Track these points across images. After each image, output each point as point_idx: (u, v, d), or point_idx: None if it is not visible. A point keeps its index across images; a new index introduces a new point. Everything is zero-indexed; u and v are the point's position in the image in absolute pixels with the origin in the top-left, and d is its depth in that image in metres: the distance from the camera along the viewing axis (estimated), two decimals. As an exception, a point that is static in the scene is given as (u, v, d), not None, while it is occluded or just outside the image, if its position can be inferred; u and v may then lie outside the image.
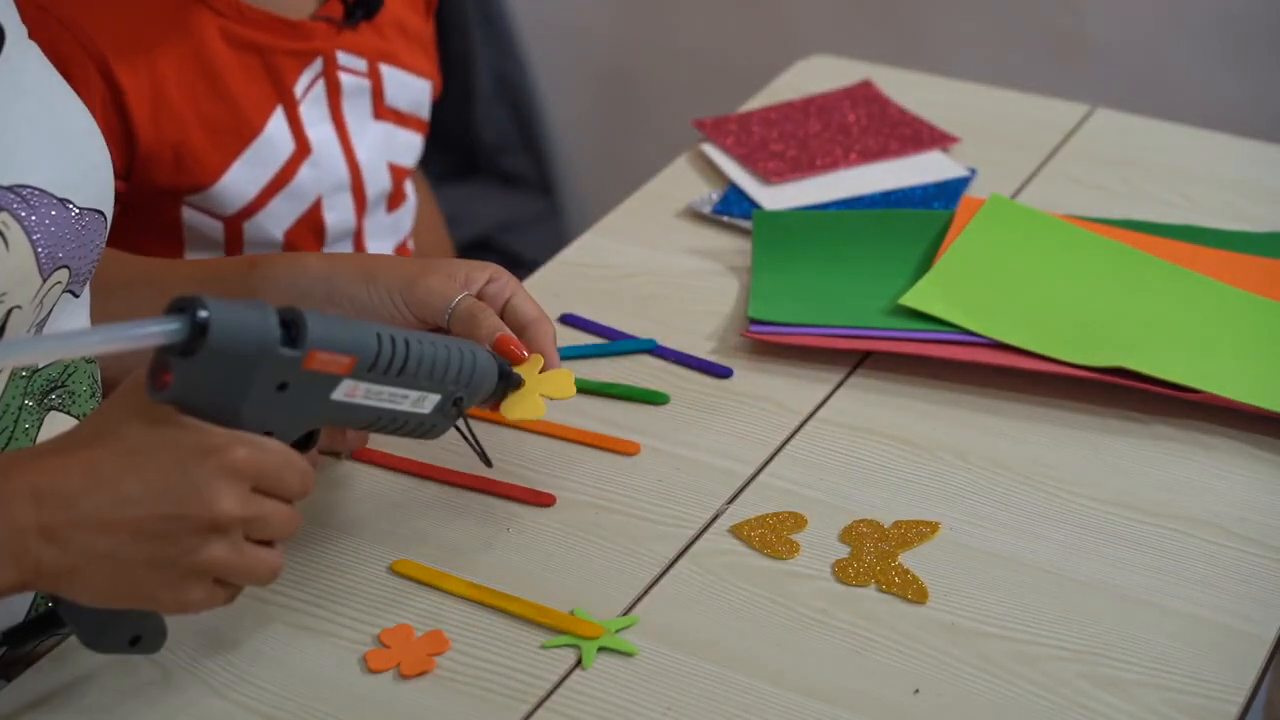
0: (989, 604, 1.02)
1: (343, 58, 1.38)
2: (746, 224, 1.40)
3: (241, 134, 1.33)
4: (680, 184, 1.48)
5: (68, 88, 1.02)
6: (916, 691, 0.96)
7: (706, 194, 1.45)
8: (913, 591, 1.03)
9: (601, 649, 0.99)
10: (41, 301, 0.95)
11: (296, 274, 1.07)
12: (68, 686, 0.98)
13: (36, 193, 0.94)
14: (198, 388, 0.85)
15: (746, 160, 1.48)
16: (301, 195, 1.38)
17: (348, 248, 1.44)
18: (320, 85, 1.37)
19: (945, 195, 1.43)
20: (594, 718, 0.95)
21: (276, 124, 1.35)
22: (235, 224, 1.36)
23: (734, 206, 1.42)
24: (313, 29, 1.36)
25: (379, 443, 1.16)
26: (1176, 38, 2.17)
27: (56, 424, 1.00)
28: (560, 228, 2.62)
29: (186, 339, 0.82)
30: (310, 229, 1.40)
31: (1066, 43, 2.24)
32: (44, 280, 0.94)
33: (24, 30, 1.00)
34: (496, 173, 2.58)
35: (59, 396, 1.01)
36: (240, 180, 1.34)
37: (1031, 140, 1.53)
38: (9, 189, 0.92)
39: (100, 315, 1.09)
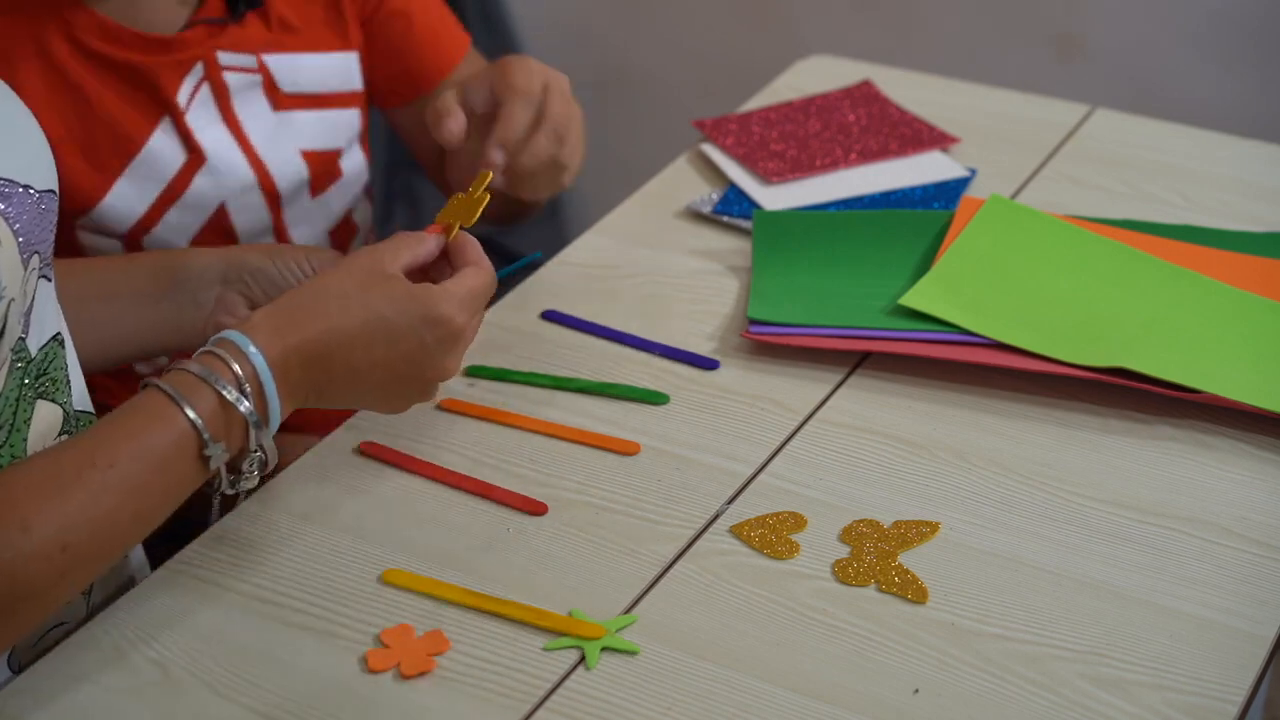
0: (989, 604, 1.02)
1: (225, 58, 1.34)
2: (746, 224, 1.40)
3: (121, 151, 1.30)
4: (680, 184, 1.48)
5: None
6: (916, 691, 0.96)
7: (706, 194, 1.45)
8: (912, 591, 1.03)
9: (604, 649, 0.99)
10: (26, 291, 0.96)
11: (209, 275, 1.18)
12: (68, 686, 0.98)
13: (6, 182, 0.94)
14: None
15: (746, 160, 1.48)
16: (200, 205, 1.35)
17: (267, 241, 1.40)
18: (205, 89, 1.33)
19: (945, 195, 1.43)
20: (594, 718, 0.95)
21: (161, 137, 1.32)
22: (133, 241, 1.34)
23: (734, 206, 1.42)
24: (189, 39, 1.32)
25: (380, 440, 1.16)
26: (1176, 38, 2.18)
27: (42, 411, 1.00)
28: (560, 228, 2.61)
29: None
30: (219, 236, 1.37)
31: (1066, 43, 2.24)
32: (25, 269, 0.95)
33: None
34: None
35: (45, 384, 1.01)
36: (126, 197, 1.31)
37: (1031, 140, 1.53)
38: None
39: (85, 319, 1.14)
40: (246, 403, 0.98)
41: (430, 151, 1.49)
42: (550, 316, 1.30)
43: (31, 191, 0.96)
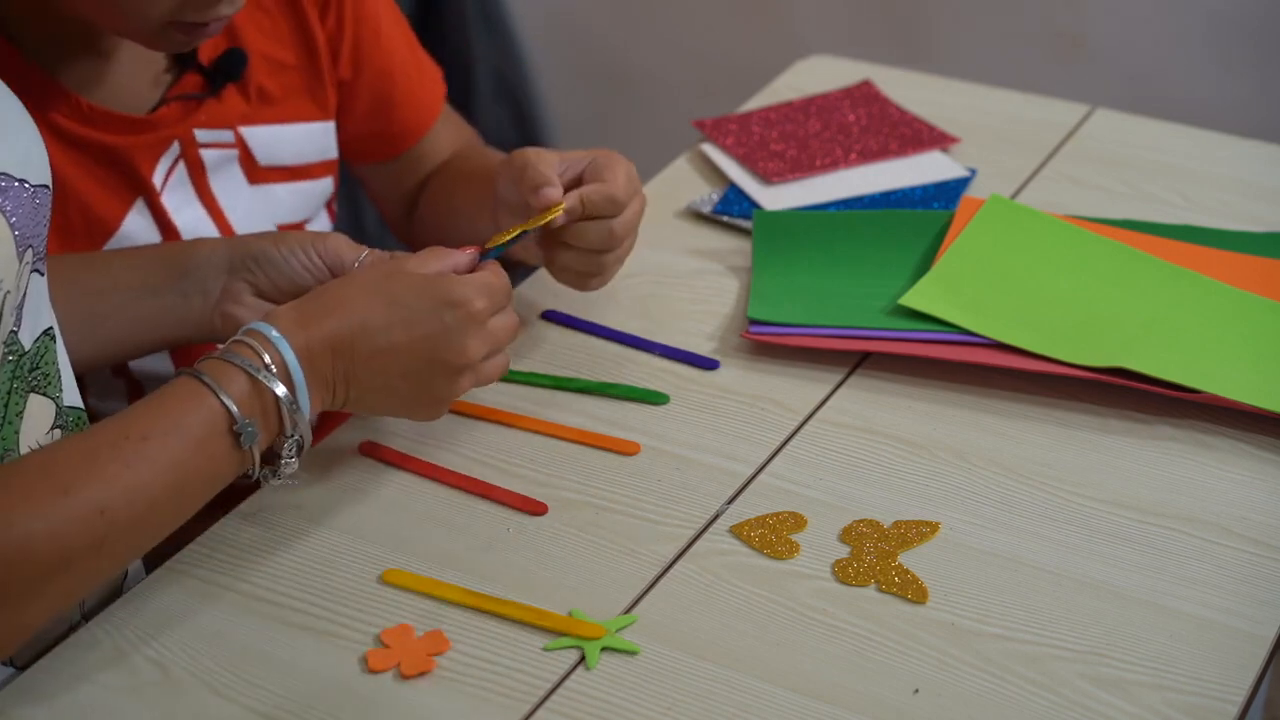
0: (989, 604, 1.02)
1: (202, 134, 1.28)
2: (746, 224, 1.40)
3: (94, 235, 1.25)
4: (680, 184, 1.48)
5: None
6: (916, 691, 0.96)
7: (706, 194, 1.45)
8: (912, 591, 1.03)
9: (604, 649, 0.99)
10: (19, 283, 0.96)
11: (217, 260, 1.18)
12: (68, 686, 0.98)
13: (2, 176, 0.94)
14: None
15: (746, 160, 1.48)
16: None
17: None
18: (181, 168, 1.28)
19: (945, 195, 1.43)
20: (594, 718, 0.95)
21: (135, 219, 1.27)
22: None
23: (734, 206, 1.42)
24: (161, 117, 1.26)
25: (380, 439, 1.16)
26: (1176, 38, 2.18)
27: (35, 405, 1.00)
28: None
29: None
30: None
31: (1066, 43, 2.24)
32: (20, 263, 0.95)
33: None
34: (496, 173, 2.58)
35: (37, 378, 1.01)
36: None
37: (1031, 140, 1.53)
38: None
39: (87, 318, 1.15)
40: (279, 384, 1.01)
41: (398, 206, 1.48)
42: (550, 316, 1.30)
43: (27, 185, 0.96)
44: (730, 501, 1.11)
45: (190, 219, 1.29)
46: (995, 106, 1.59)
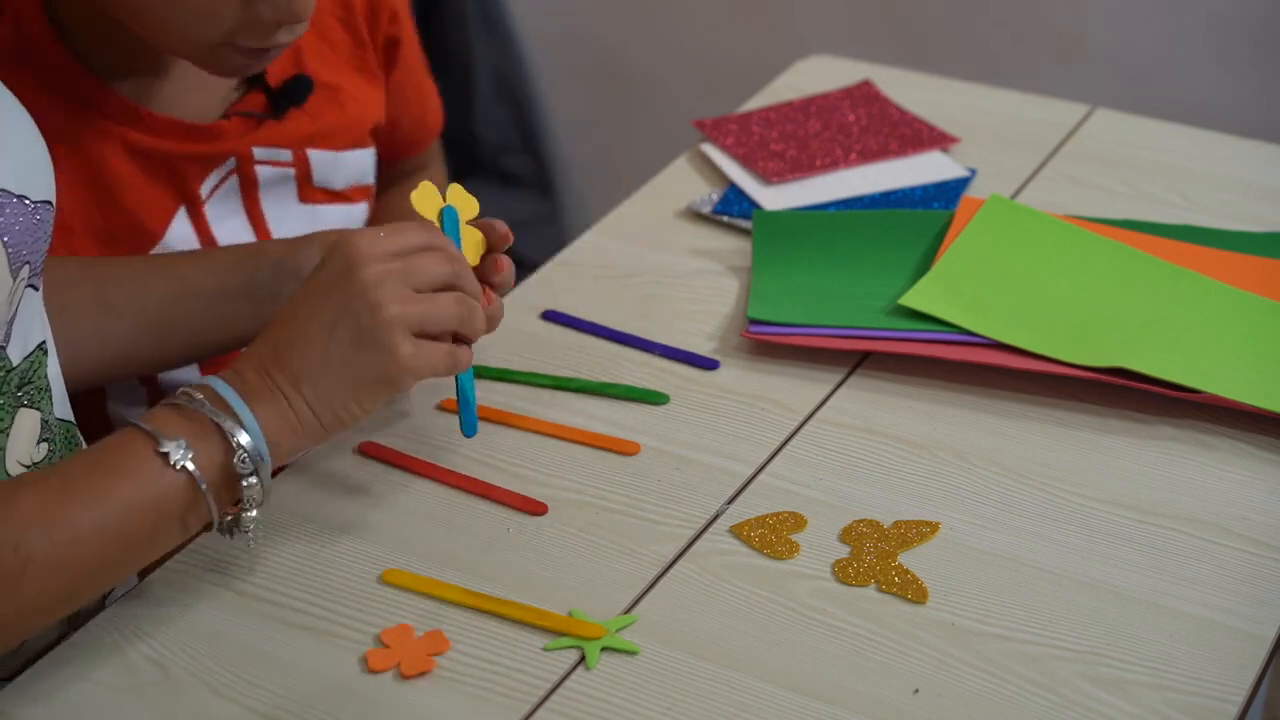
0: (989, 604, 1.02)
1: (261, 153, 1.29)
2: (746, 224, 1.40)
3: (138, 242, 1.25)
4: (680, 184, 1.48)
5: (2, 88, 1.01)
6: (916, 691, 0.96)
7: (706, 194, 1.45)
8: (912, 591, 1.03)
9: (604, 649, 0.99)
10: (12, 301, 0.95)
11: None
12: (68, 686, 0.98)
13: (2, 193, 0.93)
14: None
15: (746, 160, 1.48)
16: None
17: None
18: (232, 182, 1.29)
19: (945, 195, 1.43)
20: (594, 718, 0.95)
21: (178, 227, 1.27)
22: None
23: (734, 206, 1.42)
24: (223, 130, 1.27)
25: (380, 439, 1.16)
26: (1176, 38, 2.18)
27: (24, 420, 1.00)
28: (560, 228, 2.62)
29: None
30: None
31: (1066, 43, 2.24)
32: (14, 280, 0.94)
33: None
34: (496, 173, 2.58)
35: (28, 393, 1.01)
36: None
37: (1031, 140, 1.53)
38: None
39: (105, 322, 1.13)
40: (198, 395, 0.98)
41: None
42: (550, 316, 1.30)
43: (27, 202, 0.95)
44: (730, 501, 1.11)
45: (230, 232, 1.30)
46: (995, 106, 1.59)
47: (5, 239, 0.93)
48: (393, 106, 1.43)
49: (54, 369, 1.05)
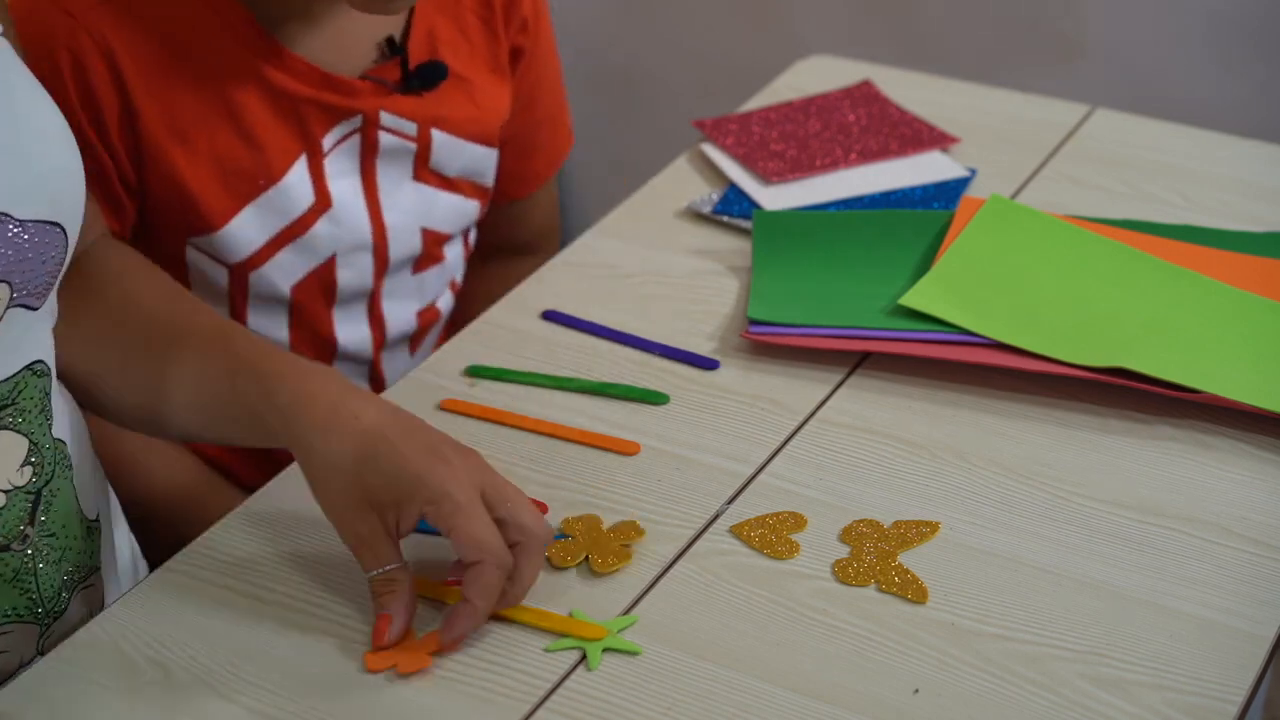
0: (989, 604, 1.02)
1: (388, 119, 1.32)
2: (746, 224, 1.40)
3: (257, 180, 1.28)
4: (680, 184, 1.48)
5: (36, 88, 0.99)
6: (916, 691, 0.96)
7: (706, 194, 1.45)
8: (912, 591, 1.03)
9: (606, 649, 0.99)
10: None
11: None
12: (68, 686, 0.98)
13: None
14: None
15: (746, 160, 1.48)
16: (314, 250, 1.32)
17: (361, 307, 1.38)
18: (354, 141, 1.31)
19: (945, 195, 1.43)
20: (594, 718, 0.95)
21: (297, 174, 1.29)
22: (240, 273, 1.31)
23: (734, 206, 1.42)
24: (357, 87, 1.30)
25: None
26: (1176, 38, 2.17)
27: (6, 442, 0.98)
28: (560, 227, 2.61)
29: None
30: (320, 287, 1.34)
31: (1066, 43, 2.24)
32: None
33: None
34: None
35: (10, 415, 0.98)
36: (248, 227, 1.29)
37: (1031, 140, 1.52)
38: None
39: (153, 366, 1.08)
40: None
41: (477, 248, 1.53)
42: (550, 316, 1.30)
43: (8, 222, 0.93)
44: (730, 501, 1.11)
45: (344, 192, 1.32)
46: (995, 106, 1.59)
47: None
48: (527, 131, 1.47)
49: (53, 388, 1.02)
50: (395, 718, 0.95)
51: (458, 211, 1.41)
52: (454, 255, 1.44)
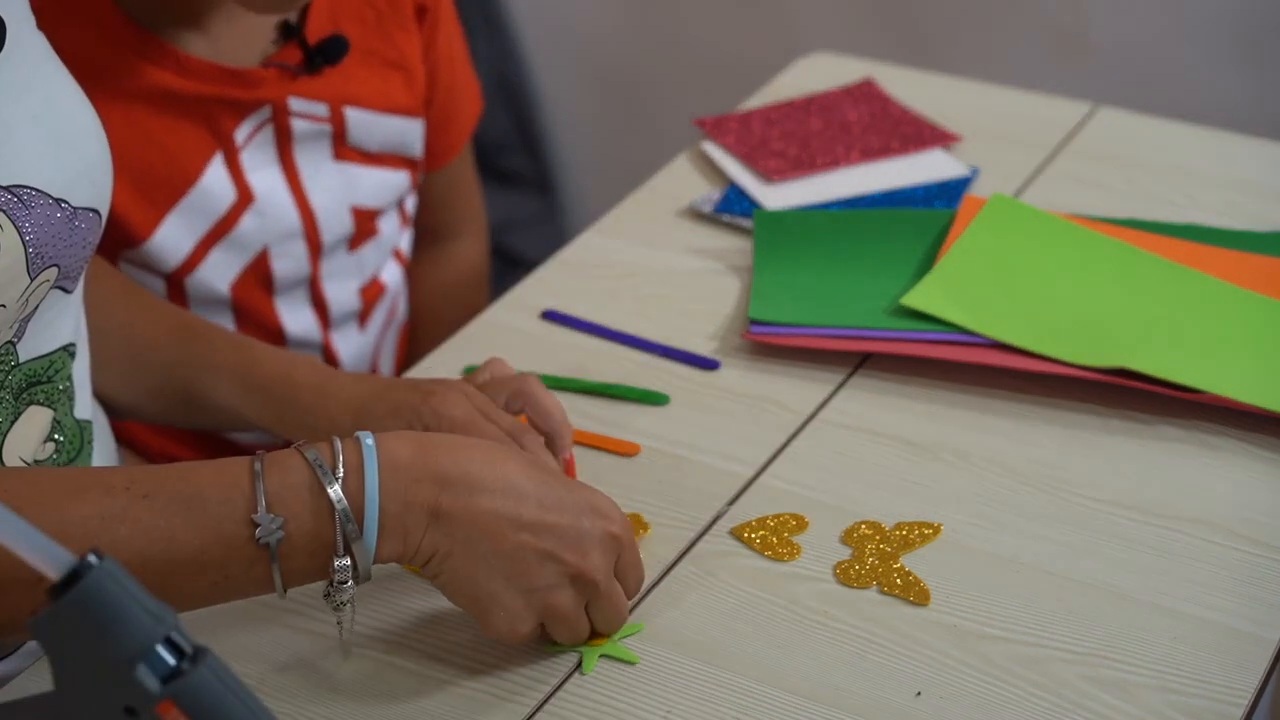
0: (991, 606, 1.01)
1: (297, 104, 1.31)
2: (747, 223, 1.39)
3: (175, 185, 1.27)
4: (681, 183, 1.47)
5: (70, 80, 1.01)
6: (918, 694, 0.96)
7: (707, 193, 1.44)
8: (914, 593, 1.02)
9: (603, 655, 0.98)
10: (27, 299, 0.95)
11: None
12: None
13: (34, 193, 0.93)
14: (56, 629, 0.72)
15: (747, 159, 1.48)
16: (244, 245, 1.32)
17: (302, 292, 1.37)
18: (267, 131, 1.30)
19: (947, 194, 1.43)
20: (594, 721, 0.95)
21: (214, 173, 1.29)
22: (176, 280, 1.31)
23: (735, 206, 1.42)
24: (260, 77, 1.29)
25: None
26: (1179, 36, 2.17)
27: (33, 417, 0.99)
28: (560, 227, 2.61)
29: (60, 581, 0.70)
30: (258, 281, 1.34)
31: (1068, 41, 2.24)
32: (31, 279, 0.94)
33: (31, 20, 0.99)
34: (496, 172, 2.58)
35: (41, 391, 1.00)
36: (174, 234, 1.28)
37: (1034, 139, 1.52)
38: (7, 189, 0.92)
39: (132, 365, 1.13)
40: (336, 488, 0.87)
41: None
42: (550, 316, 1.30)
43: (65, 206, 0.95)
44: (731, 503, 1.10)
45: (264, 181, 1.31)
46: (997, 105, 1.58)
47: (28, 238, 0.92)
48: (444, 103, 1.46)
49: (80, 371, 1.04)
50: (396, 718, 0.95)
51: (385, 186, 1.40)
52: (390, 228, 1.44)
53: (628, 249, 1.38)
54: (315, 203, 1.34)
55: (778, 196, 1.43)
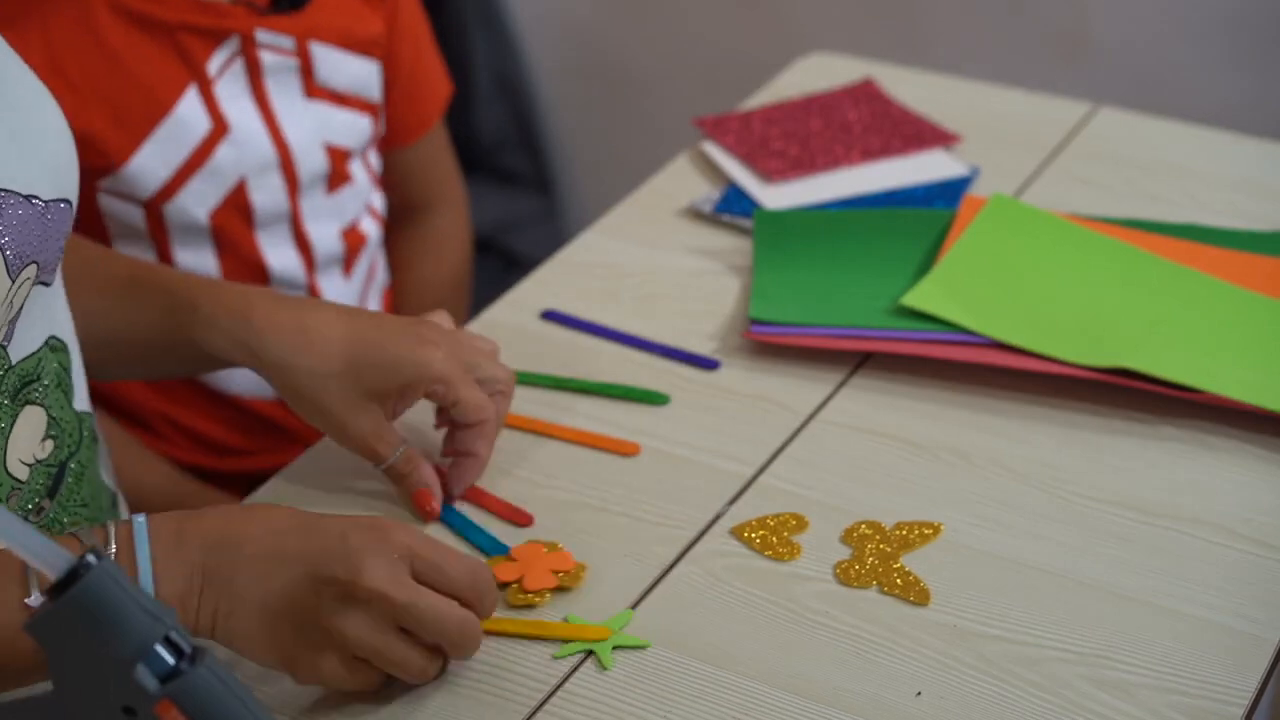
0: (991, 606, 1.01)
1: (264, 36, 1.35)
2: (747, 223, 1.39)
3: (149, 113, 1.30)
4: (681, 183, 1.47)
5: (26, 71, 1.00)
6: (918, 694, 0.95)
7: (707, 193, 1.44)
8: (914, 593, 1.02)
9: (615, 647, 0.98)
10: (12, 301, 0.94)
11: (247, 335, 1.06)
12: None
13: (3, 194, 0.92)
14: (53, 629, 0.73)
15: (747, 159, 1.48)
16: (221, 175, 1.35)
17: (284, 229, 1.41)
18: (238, 63, 1.34)
19: (947, 194, 1.43)
20: (594, 721, 0.95)
21: (189, 102, 1.32)
22: (154, 207, 1.33)
23: (735, 205, 1.42)
24: (225, 8, 1.33)
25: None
26: (1180, 36, 2.17)
27: (29, 417, 0.99)
28: (559, 226, 2.61)
29: (58, 582, 0.71)
30: (237, 211, 1.37)
31: (1069, 41, 2.24)
32: (13, 282, 0.93)
33: None
34: (495, 171, 2.58)
35: (34, 390, 1.00)
36: (151, 161, 1.31)
37: (1034, 139, 1.52)
38: None
39: (88, 312, 1.09)
40: (108, 548, 0.87)
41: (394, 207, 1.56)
42: (550, 316, 1.30)
43: (36, 202, 0.95)
44: (731, 502, 1.10)
45: (239, 112, 1.34)
46: (998, 105, 1.58)
47: (4, 240, 0.92)
48: (398, 78, 1.49)
49: (75, 361, 1.04)
50: (396, 718, 0.95)
51: (353, 127, 1.43)
52: (362, 177, 1.46)
53: (628, 249, 1.38)
54: (290, 136, 1.37)
55: (778, 196, 1.43)
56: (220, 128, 1.33)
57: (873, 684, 0.96)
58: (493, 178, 2.58)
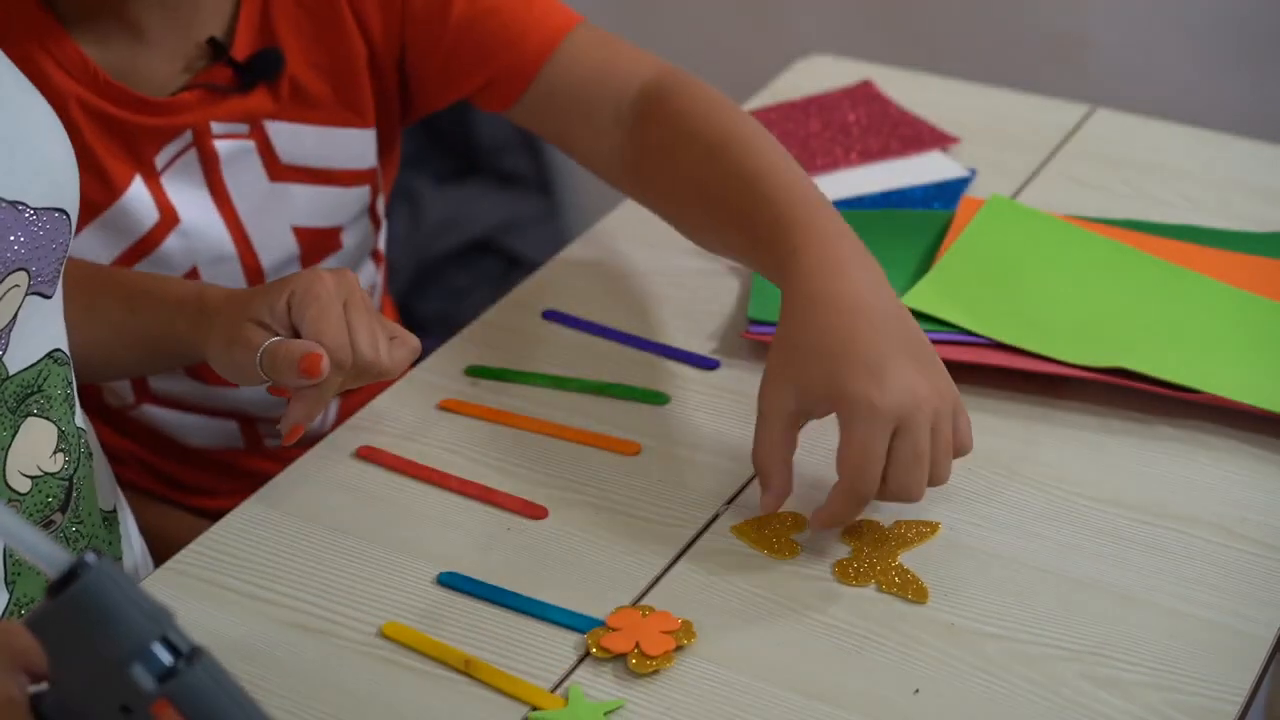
0: (989, 604, 1.02)
1: (219, 126, 1.24)
2: (747, 224, 1.39)
3: (95, 200, 1.21)
4: (680, 184, 1.47)
5: (22, 80, 0.99)
6: (916, 691, 0.96)
7: (706, 194, 1.44)
8: (913, 591, 1.03)
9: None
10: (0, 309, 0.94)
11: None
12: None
13: None
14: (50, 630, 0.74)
15: (747, 160, 1.48)
16: (168, 264, 1.24)
17: None
18: (190, 155, 1.24)
19: (945, 195, 1.43)
20: (594, 718, 0.95)
21: (136, 192, 1.22)
22: None
23: (734, 206, 1.42)
24: (179, 104, 1.22)
25: (380, 444, 1.16)
26: (1177, 38, 2.17)
27: (33, 430, 0.99)
28: (560, 227, 2.61)
29: (56, 582, 0.72)
30: None
31: (1066, 43, 2.24)
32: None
33: None
34: (496, 172, 2.58)
35: (37, 402, 0.99)
36: (92, 248, 1.22)
37: (1031, 140, 1.52)
38: None
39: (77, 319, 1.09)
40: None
41: (563, 136, 1.30)
42: (550, 316, 1.30)
43: (21, 208, 0.94)
44: (730, 502, 1.11)
45: (190, 204, 1.24)
46: (995, 106, 1.59)
47: None
48: (445, 38, 1.27)
49: (72, 377, 1.04)
50: (395, 718, 0.95)
51: (336, 203, 1.31)
52: (356, 238, 1.35)
53: (628, 249, 1.39)
54: (250, 225, 1.27)
55: (777, 197, 1.43)
56: (169, 219, 1.24)
57: (871, 682, 0.97)
58: (494, 179, 2.58)
